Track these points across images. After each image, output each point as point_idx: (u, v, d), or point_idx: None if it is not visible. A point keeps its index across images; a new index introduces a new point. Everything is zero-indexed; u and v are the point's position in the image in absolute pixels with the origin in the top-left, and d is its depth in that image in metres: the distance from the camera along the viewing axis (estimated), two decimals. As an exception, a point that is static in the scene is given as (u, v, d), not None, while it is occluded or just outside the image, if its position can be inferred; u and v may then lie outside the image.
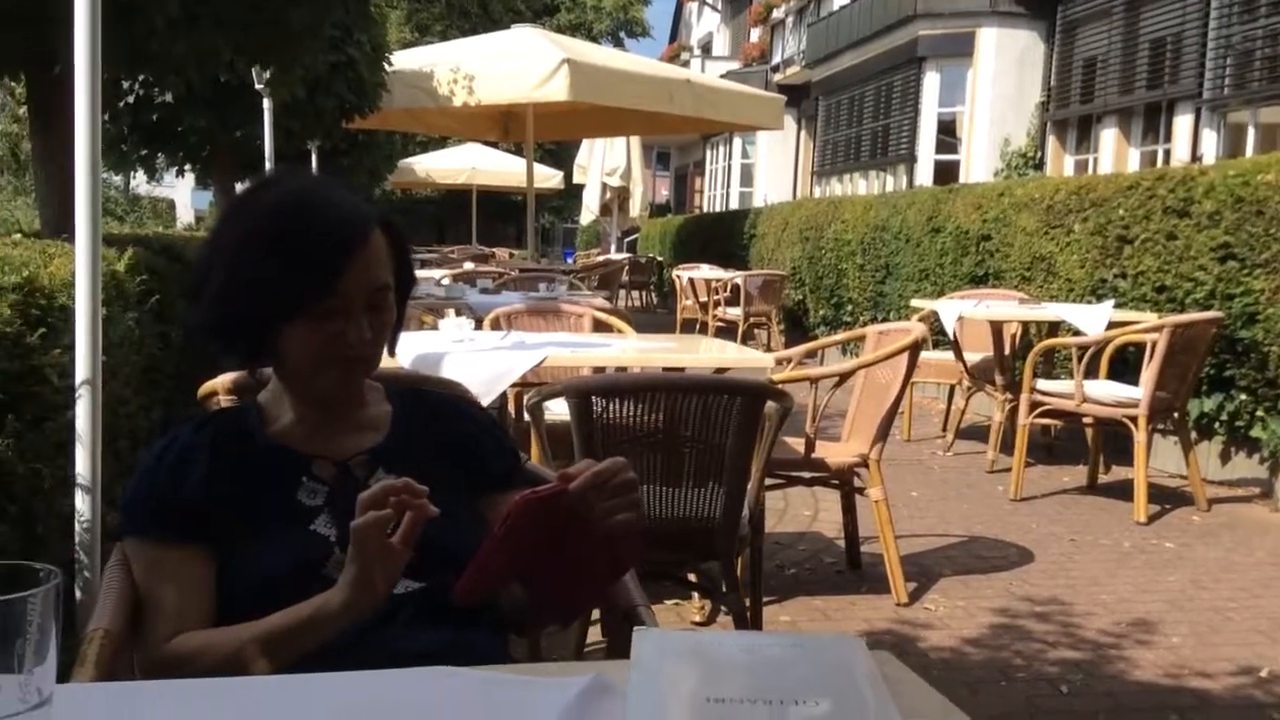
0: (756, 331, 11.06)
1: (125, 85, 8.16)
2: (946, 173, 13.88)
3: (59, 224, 4.50)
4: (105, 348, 3.00)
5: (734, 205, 20.94)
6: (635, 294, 17.25)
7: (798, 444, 3.61)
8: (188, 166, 10.94)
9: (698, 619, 3.45)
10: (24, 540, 2.61)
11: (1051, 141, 13.29)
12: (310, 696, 0.94)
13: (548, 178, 19.43)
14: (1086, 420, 5.21)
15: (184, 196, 29.23)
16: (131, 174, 14.78)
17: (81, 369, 2.58)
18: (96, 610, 1.33)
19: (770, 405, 2.59)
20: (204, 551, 1.35)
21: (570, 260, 20.69)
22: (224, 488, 1.37)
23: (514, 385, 3.52)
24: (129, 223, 17.91)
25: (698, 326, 11.55)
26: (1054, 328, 6.13)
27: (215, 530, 1.35)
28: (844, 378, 3.59)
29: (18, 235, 3.90)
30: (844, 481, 3.78)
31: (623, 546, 1.27)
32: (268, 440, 1.43)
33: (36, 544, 2.69)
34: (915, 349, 3.58)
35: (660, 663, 0.99)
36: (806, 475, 3.71)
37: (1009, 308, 6.04)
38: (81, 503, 2.59)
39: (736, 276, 10.91)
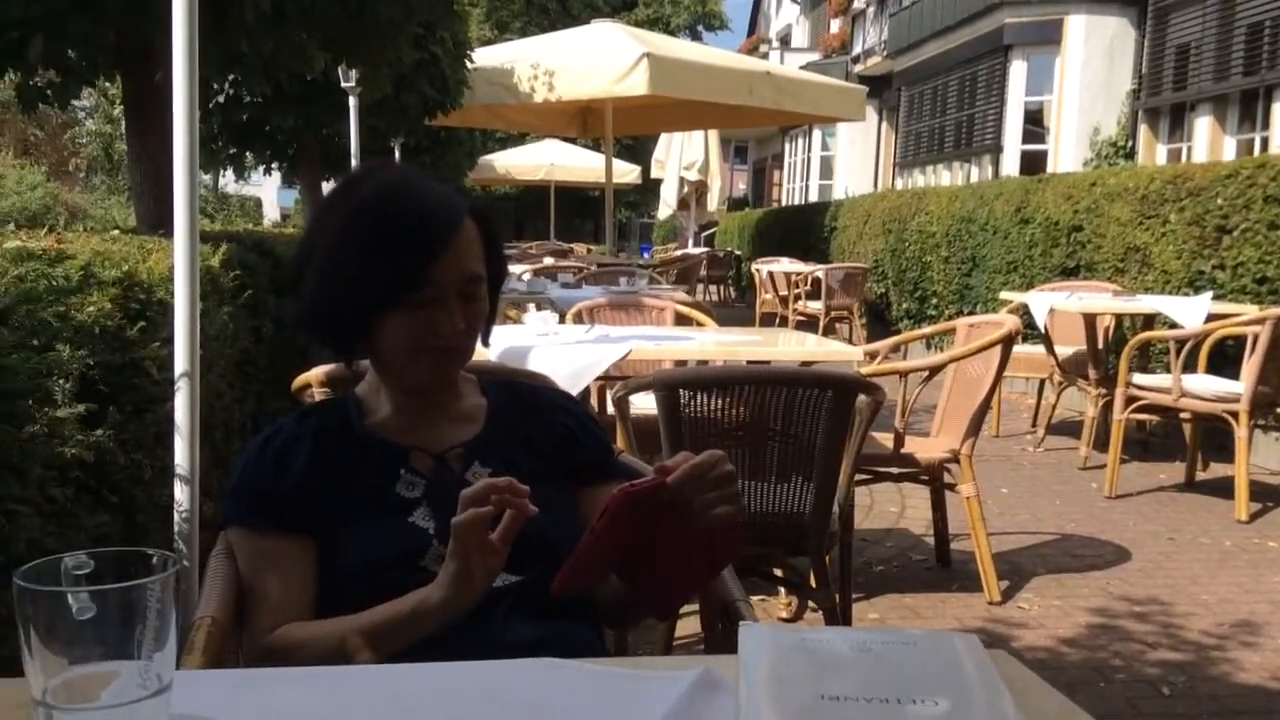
0: (838, 325, 10.95)
1: (215, 86, 8.33)
2: (1033, 163, 13.59)
3: (155, 221, 4.60)
4: (201, 341, 3.06)
5: (813, 198, 20.74)
6: (713, 288, 17.20)
7: (886, 439, 3.55)
8: (275, 165, 11.14)
9: (785, 615, 3.41)
10: (125, 529, 2.67)
11: (1143, 130, 12.94)
12: (419, 685, 0.94)
13: (625, 172, 19.45)
14: (1184, 416, 5.06)
15: (270, 194, 29.83)
16: (221, 173, 15.12)
17: (180, 361, 2.63)
18: (203, 598, 1.34)
19: (862, 399, 2.55)
20: (306, 542, 1.36)
21: (647, 255, 20.69)
22: (325, 479, 1.38)
23: (598, 379, 3.52)
24: (219, 220, 18.35)
25: (777, 321, 11.47)
26: (1149, 320, 5.96)
27: (317, 521, 1.37)
28: (934, 371, 3.52)
29: (115, 231, 3.99)
30: (934, 477, 3.71)
31: (721, 540, 1.25)
32: (367, 431, 1.43)
33: (137, 533, 2.75)
34: (1009, 342, 3.50)
35: (769, 658, 0.97)
36: (895, 471, 3.65)
37: (1103, 300, 5.89)
38: (180, 493, 2.64)
39: (817, 270, 10.81)
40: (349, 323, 1.38)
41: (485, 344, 1.50)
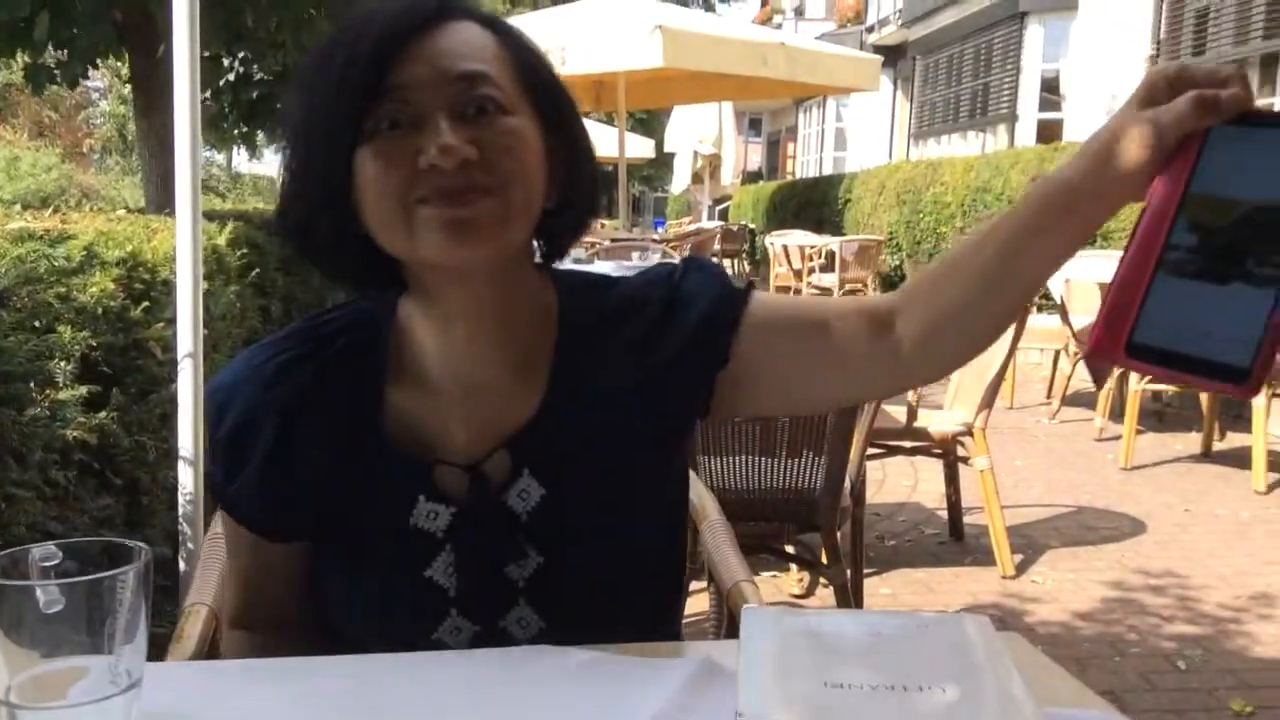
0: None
1: (225, 64, 8.29)
2: (1050, 131, 13.44)
3: (162, 201, 4.59)
4: (207, 321, 3.04)
5: (828, 170, 20.62)
6: (728, 262, 17.11)
7: (899, 412, 3.52)
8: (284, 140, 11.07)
9: (797, 591, 3.39)
10: (130, 511, 2.66)
11: (1161, 97, 12.77)
12: (407, 674, 0.92)
13: (639, 147, 19.35)
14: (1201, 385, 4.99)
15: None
16: (233, 151, 15.10)
17: (184, 342, 2.62)
18: (195, 584, 1.32)
19: (872, 373, 2.51)
20: (283, 545, 1.07)
21: (661, 229, 20.58)
22: (302, 477, 1.02)
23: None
24: (231, 199, 18.35)
25: (791, 293, 11.42)
26: (1166, 290, 5.89)
27: (297, 529, 1.06)
28: (947, 344, 3.48)
29: (121, 211, 3.98)
30: (947, 451, 3.68)
31: None
32: (380, 424, 1.03)
33: (142, 515, 2.75)
34: (1023, 312, 3.45)
35: (772, 644, 0.94)
36: (908, 445, 3.61)
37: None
38: (184, 475, 2.63)
39: (831, 242, 10.74)
40: (322, 193, 0.96)
41: (558, 252, 1.05)
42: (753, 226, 17.81)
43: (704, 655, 0.93)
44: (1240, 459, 5.01)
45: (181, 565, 2.66)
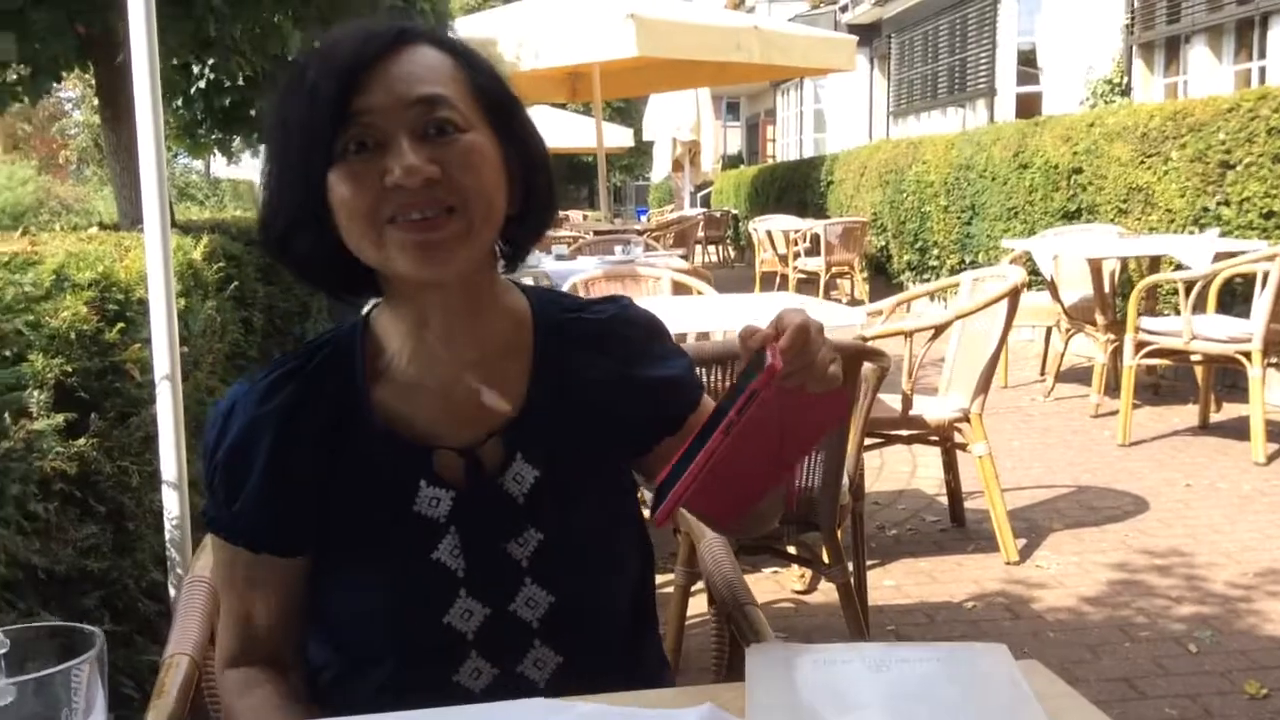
0: (839, 281, 10.83)
1: (196, 71, 8.18)
2: (1029, 105, 13.37)
3: (136, 215, 4.50)
4: (185, 338, 2.97)
5: (809, 152, 20.54)
6: (712, 249, 17.04)
7: (894, 400, 3.46)
8: (262, 147, 11.02)
9: (799, 587, 3.34)
10: (115, 538, 2.59)
11: (1138, 66, 12.71)
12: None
13: (617, 136, 19.26)
14: (1196, 358, 4.96)
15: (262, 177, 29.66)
16: (210, 158, 14.99)
17: (161, 363, 2.55)
18: (175, 631, 1.26)
19: (867, 367, 2.45)
20: (284, 561, 1.09)
21: (643, 218, 20.52)
22: (301, 492, 1.06)
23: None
24: (210, 206, 18.20)
25: (778, 279, 11.35)
26: (1155, 262, 5.85)
27: (298, 541, 1.09)
28: (940, 330, 3.43)
29: (94, 229, 3.89)
30: (944, 438, 3.63)
31: (825, 401, 0.98)
32: (371, 418, 1.07)
33: (129, 540, 2.68)
34: (1015, 296, 3.40)
35: (780, 690, 0.89)
36: (905, 433, 3.56)
37: (1108, 243, 5.77)
38: (169, 499, 2.57)
39: (815, 226, 10.68)
40: (297, 211, 1.03)
41: (518, 253, 1.13)
42: (735, 212, 17.74)
43: (708, 705, 0.87)
44: (1239, 430, 4.97)
45: (171, 591, 2.59)
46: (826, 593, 3.31)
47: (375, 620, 1.06)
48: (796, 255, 10.92)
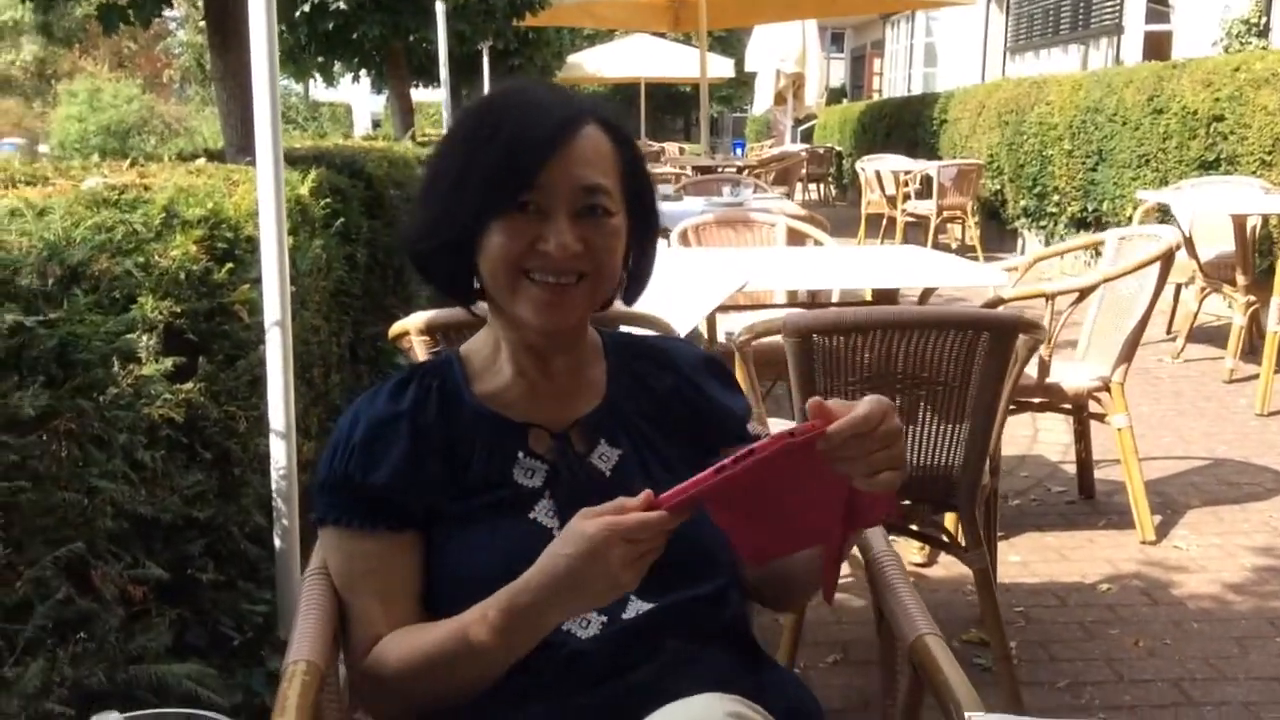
0: (949, 226, 10.46)
1: (302, -6, 8.14)
2: (1157, 44, 12.71)
3: (241, 143, 4.43)
4: (294, 277, 2.88)
5: (916, 88, 19.87)
6: (813, 187, 16.67)
7: (1030, 367, 3.24)
8: (363, 72, 11.04)
9: (919, 560, 3.17)
10: (220, 485, 2.53)
11: (1279, 7, 11.96)
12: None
13: (719, 66, 18.85)
14: (1348, 326, 4.62)
15: (362, 100, 29.77)
16: (310, 81, 15.03)
17: (271, 307, 2.46)
18: (295, 635, 1.15)
19: (1021, 339, 2.25)
20: (410, 537, 1.21)
21: (740, 151, 20.08)
22: (428, 465, 1.21)
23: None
24: (310, 131, 18.31)
25: (884, 222, 11.01)
26: (1302, 219, 5.47)
27: (421, 515, 1.21)
28: (1085, 294, 3.19)
29: (201, 160, 3.82)
30: (1079, 407, 3.40)
31: (869, 501, 1.03)
32: (475, 403, 1.25)
33: (234, 486, 2.61)
34: (1169, 259, 3.14)
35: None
36: (1037, 401, 3.35)
37: (1254, 199, 5.39)
38: (276, 448, 2.50)
39: (928, 167, 10.30)
40: (454, 238, 1.20)
41: (629, 300, 1.31)
42: (839, 149, 17.27)
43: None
44: (1390, 403, 4.64)
45: (277, 542, 2.53)
46: (946, 566, 3.14)
47: (484, 580, 1.13)
48: (906, 197, 10.56)
